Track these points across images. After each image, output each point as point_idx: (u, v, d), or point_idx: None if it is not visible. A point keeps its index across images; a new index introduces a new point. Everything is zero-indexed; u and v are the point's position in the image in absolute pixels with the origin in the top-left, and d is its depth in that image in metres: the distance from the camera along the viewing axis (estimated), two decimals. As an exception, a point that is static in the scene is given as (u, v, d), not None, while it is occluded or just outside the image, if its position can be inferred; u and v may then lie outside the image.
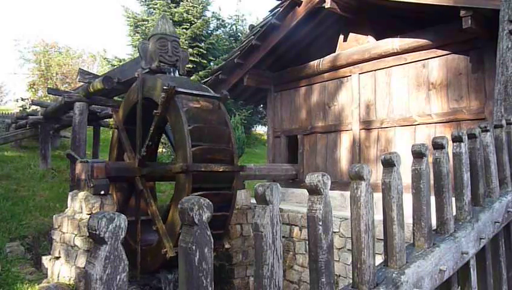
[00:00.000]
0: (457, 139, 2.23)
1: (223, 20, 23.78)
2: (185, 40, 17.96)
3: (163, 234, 5.67)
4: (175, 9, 18.91)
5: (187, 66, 8.46)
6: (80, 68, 10.41)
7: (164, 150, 15.23)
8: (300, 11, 7.43)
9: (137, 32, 19.51)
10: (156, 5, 19.36)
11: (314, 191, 1.42)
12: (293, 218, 6.88)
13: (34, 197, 9.47)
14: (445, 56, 6.16)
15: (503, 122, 2.80)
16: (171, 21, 7.29)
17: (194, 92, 5.91)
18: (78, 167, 6.19)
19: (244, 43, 8.81)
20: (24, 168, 11.52)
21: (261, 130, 25.33)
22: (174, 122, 5.74)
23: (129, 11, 20.14)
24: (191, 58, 17.00)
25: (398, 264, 1.65)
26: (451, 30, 5.81)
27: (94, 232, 1.01)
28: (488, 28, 5.13)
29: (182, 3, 19.21)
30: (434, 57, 6.29)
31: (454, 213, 2.12)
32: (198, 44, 18.87)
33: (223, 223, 5.87)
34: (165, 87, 5.53)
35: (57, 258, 6.26)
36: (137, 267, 5.98)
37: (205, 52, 18.92)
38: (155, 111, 5.83)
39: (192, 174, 5.38)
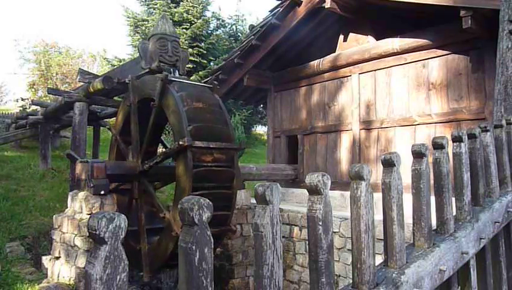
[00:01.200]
0: (457, 139, 2.23)
1: (223, 20, 23.79)
2: (185, 40, 17.96)
3: (144, 256, 5.80)
4: (175, 9, 18.93)
5: (187, 66, 8.46)
6: (79, 68, 10.40)
7: (164, 149, 15.20)
8: (301, 11, 7.43)
9: (137, 32, 19.53)
10: (156, 5, 19.38)
11: (314, 191, 1.42)
12: (293, 218, 6.88)
13: (34, 197, 9.48)
14: (445, 56, 6.16)
15: (503, 122, 2.80)
16: (171, 21, 7.29)
17: (188, 81, 6.20)
18: (78, 167, 6.19)
19: (244, 43, 8.81)
20: (24, 168, 11.52)
21: (261, 130, 25.31)
22: (169, 108, 5.88)
23: (129, 11, 20.16)
24: (191, 58, 17.01)
25: (398, 264, 1.65)
26: (451, 30, 5.81)
27: (94, 232, 1.01)
28: (488, 28, 5.13)
29: (182, 3, 19.23)
30: (434, 57, 6.29)
31: (454, 213, 2.12)
32: (198, 44, 18.88)
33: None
34: (159, 75, 5.89)
35: (57, 258, 6.26)
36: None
37: (205, 52, 18.93)
38: (152, 103, 6.02)
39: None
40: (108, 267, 1.01)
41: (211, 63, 19.32)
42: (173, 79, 6.09)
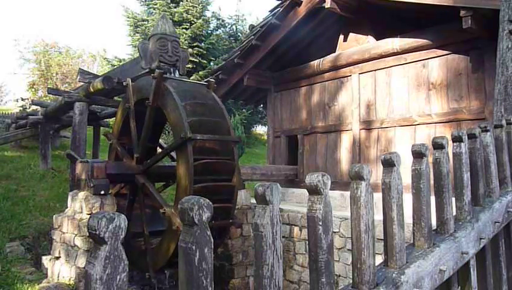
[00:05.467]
0: (457, 139, 2.23)
1: (223, 20, 23.79)
2: (185, 40, 17.95)
3: (148, 255, 5.84)
4: (175, 9, 18.92)
5: (187, 66, 8.46)
6: (79, 68, 10.41)
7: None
8: (301, 11, 7.43)
9: (137, 32, 19.52)
10: (156, 5, 19.37)
11: (314, 191, 1.42)
12: (293, 218, 6.87)
13: (34, 197, 9.47)
14: (445, 56, 6.16)
15: (503, 122, 2.80)
16: (171, 21, 7.28)
17: (183, 79, 6.13)
18: (78, 167, 6.19)
19: (244, 43, 8.81)
20: (24, 168, 11.52)
21: (261, 130, 25.31)
22: (167, 104, 5.87)
23: (129, 11, 20.15)
24: (191, 58, 16.99)
25: (398, 264, 1.65)
26: (451, 30, 5.81)
27: (94, 232, 1.01)
28: (488, 28, 5.13)
29: (182, 3, 19.21)
30: (434, 57, 6.29)
31: (454, 213, 2.12)
32: (198, 44, 18.88)
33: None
34: (152, 75, 5.79)
35: (57, 258, 6.26)
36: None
37: (205, 52, 18.92)
38: (147, 101, 6.01)
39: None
40: (108, 267, 1.01)
41: (211, 63, 19.32)
42: (168, 77, 6.11)
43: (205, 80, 10.11)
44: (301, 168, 8.34)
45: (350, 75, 7.51)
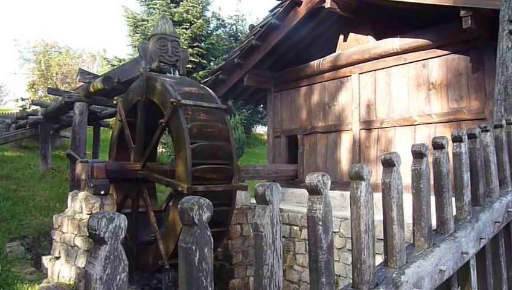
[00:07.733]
0: (457, 139, 2.23)
1: (223, 20, 23.82)
2: (185, 40, 17.96)
3: (159, 244, 5.77)
4: (175, 9, 18.92)
5: (187, 66, 8.46)
6: (79, 68, 10.41)
7: (164, 150, 15.24)
8: (301, 11, 7.43)
9: (137, 32, 19.52)
10: (156, 5, 19.37)
11: (314, 191, 1.42)
12: (293, 218, 6.87)
13: (34, 197, 9.48)
14: (445, 56, 6.16)
15: (503, 122, 2.80)
16: (171, 21, 7.28)
17: (198, 103, 5.93)
18: (78, 167, 6.19)
19: (244, 43, 8.81)
20: (24, 168, 11.52)
21: (261, 130, 25.33)
22: (177, 137, 5.78)
23: (129, 11, 20.16)
24: (191, 58, 17.00)
25: (398, 264, 1.65)
26: (451, 30, 5.80)
27: (94, 232, 1.02)
28: (488, 28, 5.13)
29: (182, 3, 19.22)
30: (434, 57, 6.29)
31: (454, 213, 2.12)
32: (198, 44, 18.89)
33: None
34: (172, 100, 5.57)
35: (57, 258, 6.26)
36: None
37: (205, 52, 18.93)
38: (160, 120, 5.90)
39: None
40: (108, 267, 1.01)
41: (211, 63, 19.33)
42: (186, 103, 5.78)
43: (206, 80, 10.13)
44: (301, 168, 8.34)
45: (350, 75, 7.51)
